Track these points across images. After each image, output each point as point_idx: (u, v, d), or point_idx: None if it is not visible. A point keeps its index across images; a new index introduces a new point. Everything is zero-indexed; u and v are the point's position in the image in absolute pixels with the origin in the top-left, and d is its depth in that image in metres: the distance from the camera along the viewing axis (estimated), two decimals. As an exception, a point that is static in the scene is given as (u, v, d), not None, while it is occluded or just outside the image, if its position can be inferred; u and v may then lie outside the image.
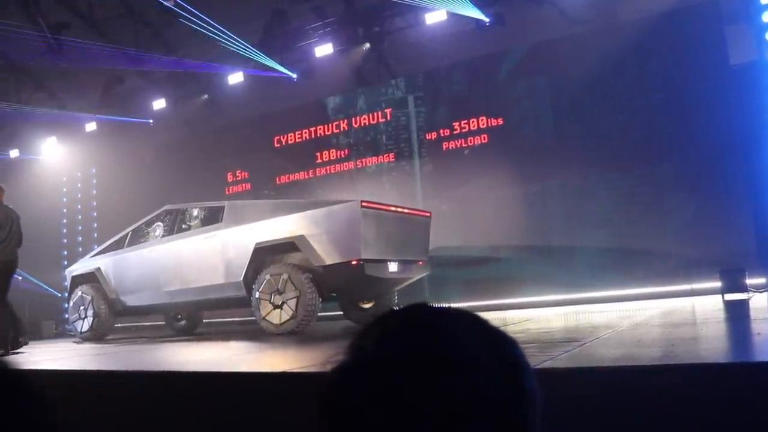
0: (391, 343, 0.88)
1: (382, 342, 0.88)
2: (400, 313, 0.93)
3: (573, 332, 5.58)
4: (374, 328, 0.92)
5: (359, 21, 11.88)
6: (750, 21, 9.24)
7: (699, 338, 4.20)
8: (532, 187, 10.61)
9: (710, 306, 7.08)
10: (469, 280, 10.75)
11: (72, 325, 10.33)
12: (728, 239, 8.97)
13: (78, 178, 16.42)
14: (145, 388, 3.95)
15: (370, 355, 0.87)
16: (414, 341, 0.86)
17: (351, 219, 7.68)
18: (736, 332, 4.73)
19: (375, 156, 12.27)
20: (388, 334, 0.90)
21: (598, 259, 9.81)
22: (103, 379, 4.40)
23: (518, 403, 0.86)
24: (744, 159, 9.13)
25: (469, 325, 0.91)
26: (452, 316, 0.92)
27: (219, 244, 8.62)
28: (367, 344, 0.89)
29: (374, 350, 0.88)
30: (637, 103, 10.00)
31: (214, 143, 14.22)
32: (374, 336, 0.90)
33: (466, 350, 0.85)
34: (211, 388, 3.78)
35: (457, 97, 11.74)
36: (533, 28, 10.73)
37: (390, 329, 0.91)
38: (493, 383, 0.84)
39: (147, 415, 3.62)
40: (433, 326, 0.89)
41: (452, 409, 0.80)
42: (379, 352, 0.87)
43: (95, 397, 4.03)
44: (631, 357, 3.44)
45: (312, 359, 4.96)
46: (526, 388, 0.87)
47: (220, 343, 8.00)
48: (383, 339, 0.89)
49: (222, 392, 3.65)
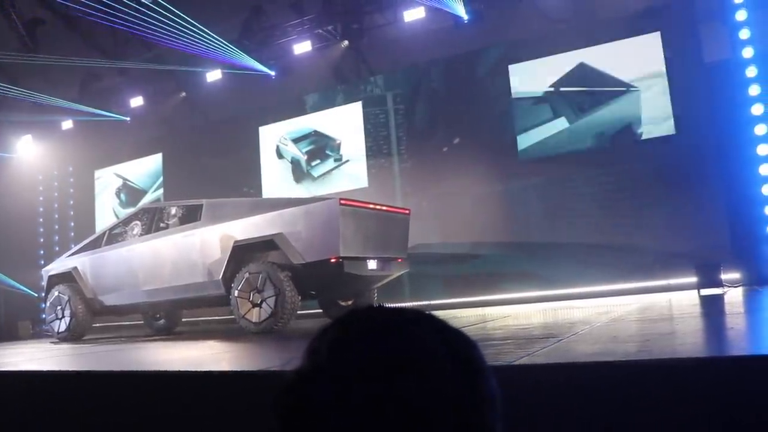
0: (346, 346, 0.87)
1: (337, 345, 0.88)
2: (356, 315, 0.92)
3: (551, 328, 5.62)
4: (329, 332, 0.91)
5: (338, 18, 11.86)
6: (724, 19, 9.35)
7: (674, 333, 4.25)
8: (512, 183, 10.67)
9: (687, 301, 7.16)
10: (449, 276, 10.80)
11: (49, 326, 10.22)
12: (704, 235, 9.08)
13: (54, 176, 16.26)
14: (123, 389, 3.92)
15: (326, 359, 0.87)
16: (369, 344, 0.86)
17: (330, 217, 7.67)
18: (710, 327, 4.78)
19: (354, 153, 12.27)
20: (343, 337, 0.89)
21: (577, 256, 9.89)
22: (81, 380, 4.36)
23: (477, 406, 0.85)
24: (719, 155, 9.24)
25: (425, 326, 0.90)
26: (408, 318, 0.91)
27: (197, 243, 8.58)
28: (323, 348, 0.88)
29: (329, 354, 0.87)
30: (615, 100, 10.08)
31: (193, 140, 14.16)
32: (329, 339, 0.89)
33: (422, 352, 0.85)
34: (190, 388, 3.76)
35: (436, 94, 11.77)
36: (512, 25, 10.80)
37: (345, 332, 0.90)
38: (450, 386, 0.83)
39: (126, 415, 3.60)
40: (388, 328, 0.89)
41: (409, 412, 0.80)
42: (334, 355, 0.86)
43: (73, 397, 4.00)
44: (607, 352, 3.47)
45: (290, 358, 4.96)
46: (485, 390, 0.87)
47: (199, 342, 7.95)
48: (338, 342, 0.88)
49: (201, 391, 3.63)
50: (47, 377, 4.72)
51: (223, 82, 12.93)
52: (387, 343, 0.86)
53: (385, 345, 0.85)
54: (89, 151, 15.29)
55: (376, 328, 0.89)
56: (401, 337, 0.87)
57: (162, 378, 4.07)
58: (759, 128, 9.02)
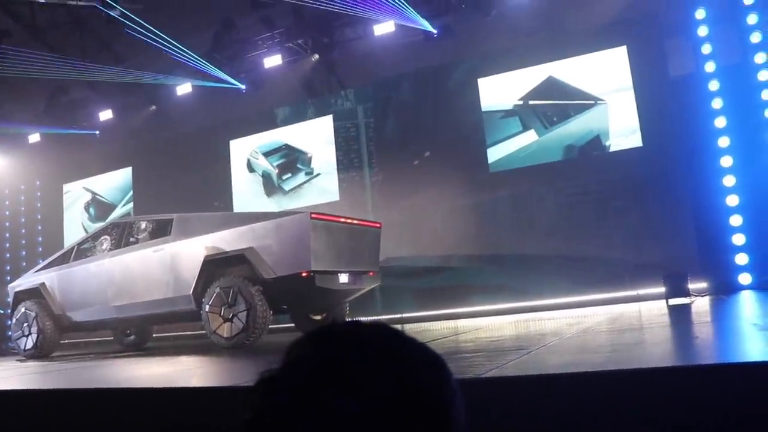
0: (301, 358, 0.89)
1: (294, 358, 0.91)
2: (320, 330, 0.95)
3: (522, 340, 5.67)
4: (295, 347, 0.94)
5: (308, 32, 11.89)
6: (688, 34, 9.55)
7: (643, 343, 4.32)
8: (483, 196, 10.75)
9: (655, 311, 7.27)
10: (421, 289, 10.82)
11: (15, 343, 10.04)
12: (671, 245, 9.23)
13: (21, 190, 16.04)
14: (92, 406, 3.87)
15: (281, 371, 0.89)
16: (318, 354, 0.88)
17: (301, 231, 7.66)
18: (677, 336, 4.86)
19: (325, 167, 12.28)
20: (300, 351, 0.92)
21: (547, 267, 9.98)
22: (49, 398, 4.30)
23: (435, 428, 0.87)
24: (685, 167, 9.40)
25: (377, 340, 0.92)
26: (364, 331, 0.93)
27: (168, 258, 8.51)
28: (287, 361, 0.91)
29: (285, 366, 0.90)
30: (583, 113, 10.23)
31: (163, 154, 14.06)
32: (291, 353, 0.92)
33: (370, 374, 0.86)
34: (161, 404, 3.73)
35: (406, 108, 11.83)
36: (481, 39, 10.92)
37: (303, 345, 0.92)
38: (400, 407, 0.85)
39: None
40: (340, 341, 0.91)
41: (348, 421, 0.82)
42: (290, 367, 0.89)
43: (40, 417, 3.94)
44: (575, 363, 3.52)
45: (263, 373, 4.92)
46: (442, 412, 0.89)
47: (170, 358, 7.88)
48: (296, 355, 0.91)
49: (172, 408, 3.60)
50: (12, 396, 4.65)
51: (194, 95, 12.89)
52: (329, 354, 0.88)
53: (328, 355, 0.88)
54: (57, 164, 15.11)
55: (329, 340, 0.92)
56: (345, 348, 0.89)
57: (132, 394, 4.03)
58: (722, 140, 9.21)
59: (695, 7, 9.45)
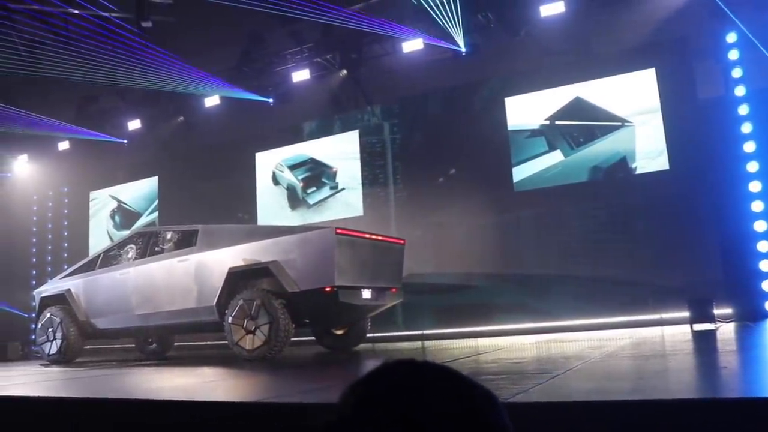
0: (369, 402, 0.92)
1: (362, 401, 0.93)
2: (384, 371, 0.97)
3: (545, 363, 5.64)
4: (359, 386, 0.95)
5: (336, 47, 11.98)
6: (718, 58, 9.50)
7: (668, 371, 4.28)
8: (507, 215, 10.73)
9: (679, 336, 7.19)
10: (442, 306, 10.79)
11: (39, 347, 10.16)
12: (696, 270, 9.13)
13: (49, 196, 16.25)
14: (116, 417, 3.91)
15: (351, 414, 0.92)
16: (389, 402, 0.90)
17: (325, 246, 7.70)
18: (703, 365, 4.81)
19: (350, 182, 12.33)
20: (368, 394, 0.94)
21: (570, 288, 9.91)
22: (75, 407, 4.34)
23: None
24: (712, 191, 9.32)
25: (445, 387, 0.95)
26: (429, 378, 0.96)
27: (192, 268, 8.58)
28: (350, 401, 0.93)
29: (354, 409, 0.92)
30: (610, 134, 10.19)
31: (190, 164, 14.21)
32: (357, 394, 0.94)
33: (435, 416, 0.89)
34: (184, 417, 3.75)
35: (432, 125, 11.85)
36: (509, 58, 10.94)
37: (371, 389, 0.94)
38: None
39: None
40: (408, 388, 0.93)
41: None
42: (358, 410, 0.92)
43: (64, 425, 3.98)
44: (602, 390, 3.49)
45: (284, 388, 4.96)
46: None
47: (192, 368, 7.92)
48: (364, 398, 0.93)
49: (195, 421, 3.62)
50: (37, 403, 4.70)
51: (221, 107, 13.01)
52: (403, 404, 0.89)
53: (402, 405, 0.89)
54: (85, 172, 15.30)
55: (397, 386, 0.93)
56: (418, 398, 0.90)
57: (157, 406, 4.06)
58: (751, 165, 9.12)
59: (726, 31, 9.39)
